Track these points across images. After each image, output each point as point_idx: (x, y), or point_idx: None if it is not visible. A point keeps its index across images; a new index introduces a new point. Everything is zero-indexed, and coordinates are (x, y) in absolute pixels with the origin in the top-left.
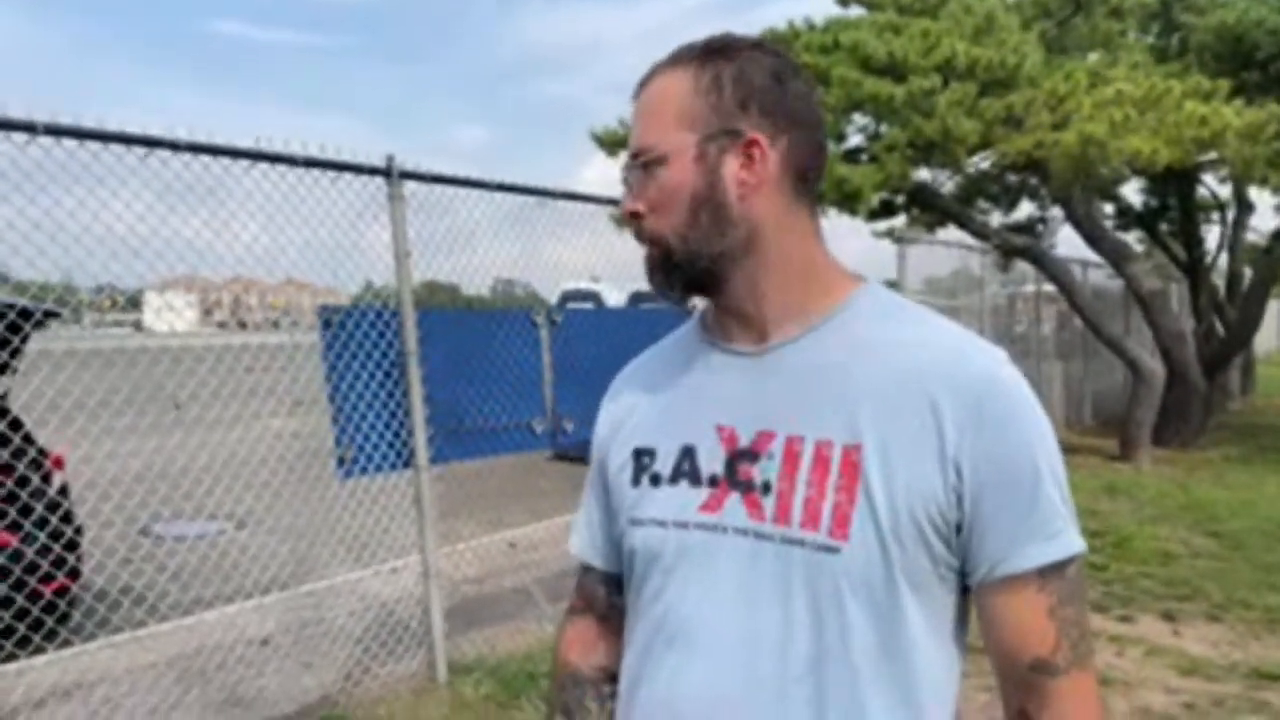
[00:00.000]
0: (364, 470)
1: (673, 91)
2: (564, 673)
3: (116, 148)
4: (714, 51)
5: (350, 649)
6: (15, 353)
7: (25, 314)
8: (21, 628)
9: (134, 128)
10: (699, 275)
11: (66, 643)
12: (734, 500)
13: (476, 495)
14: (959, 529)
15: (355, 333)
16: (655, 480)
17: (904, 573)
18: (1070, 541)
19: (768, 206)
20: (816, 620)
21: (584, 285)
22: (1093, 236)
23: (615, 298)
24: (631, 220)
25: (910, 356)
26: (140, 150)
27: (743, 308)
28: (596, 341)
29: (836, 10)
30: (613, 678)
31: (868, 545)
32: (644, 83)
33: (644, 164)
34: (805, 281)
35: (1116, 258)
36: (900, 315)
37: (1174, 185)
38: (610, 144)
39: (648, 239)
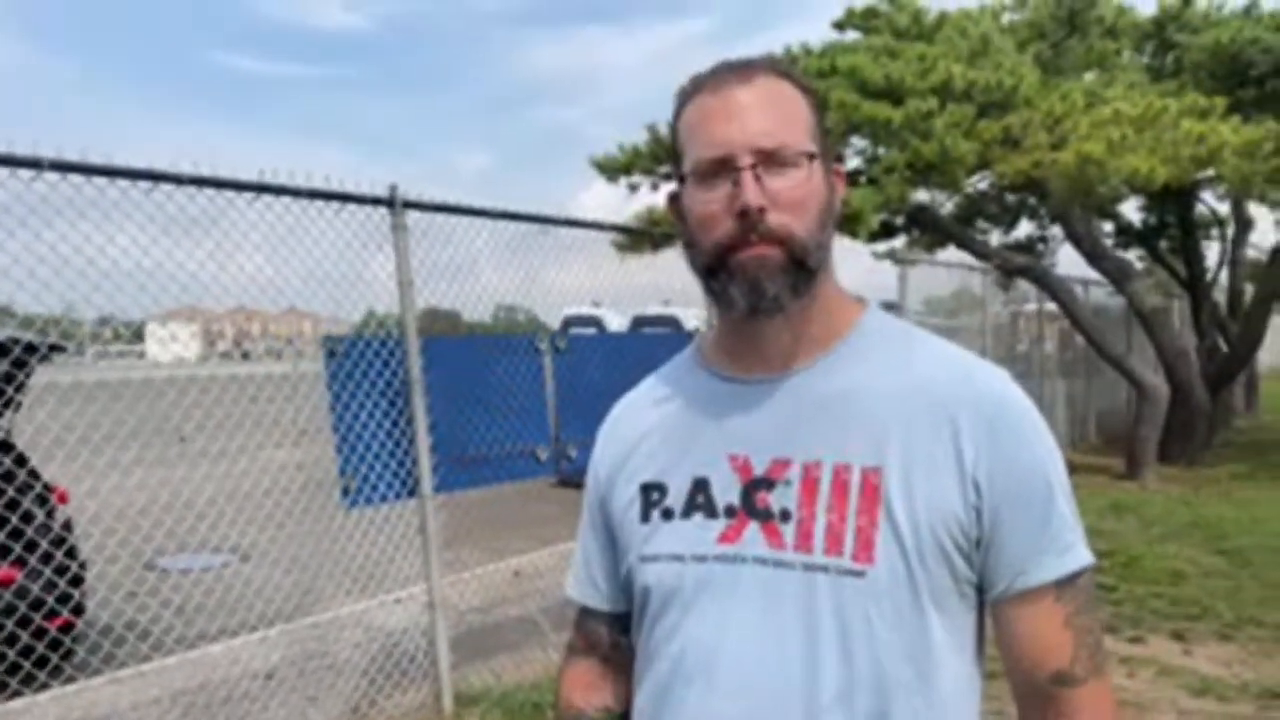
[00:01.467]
0: (369, 500)
1: (797, 101)
2: (568, 714)
3: (122, 182)
4: (797, 76)
5: (356, 681)
6: (20, 387)
7: (30, 349)
8: (26, 664)
9: (139, 162)
10: (812, 284)
11: (71, 679)
12: (753, 529)
13: (480, 523)
14: (978, 544)
15: (359, 362)
16: (667, 515)
17: (929, 592)
18: (1082, 553)
19: (832, 234)
20: (845, 646)
21: (585, 310)
22: (1093, 255)
23: (617, 323)
24: (748, 216)
25: (923, 377)
26: (145, 184)
27: (780, 332)
28: (600, 367)
29: (833, 35)
30: (620, 718)
31: (893, 567)
32: (743, 78)
33: (784, 159)
34: (828, 309)
35: (1117, 275)
36: (904, 338)
37: (1173, 203)
38: (610, 170)
39: (775, 238)
